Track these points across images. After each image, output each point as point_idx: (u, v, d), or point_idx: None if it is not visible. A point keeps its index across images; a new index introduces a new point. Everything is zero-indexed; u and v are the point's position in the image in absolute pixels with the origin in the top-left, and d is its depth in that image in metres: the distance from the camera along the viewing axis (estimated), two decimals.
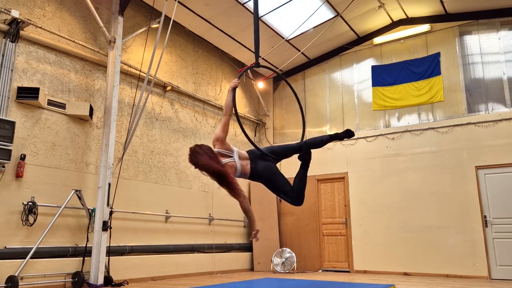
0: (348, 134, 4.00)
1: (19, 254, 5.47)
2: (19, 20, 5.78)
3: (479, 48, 8.64)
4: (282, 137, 10.93)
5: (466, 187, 8.17)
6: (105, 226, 6.26)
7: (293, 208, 10.20)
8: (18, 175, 5.68)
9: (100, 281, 6.05)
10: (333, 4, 8.63)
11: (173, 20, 7.33)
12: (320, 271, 9.48)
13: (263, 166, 3.59)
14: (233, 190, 3.48)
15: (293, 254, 9.31)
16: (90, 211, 6.36)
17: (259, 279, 7.23)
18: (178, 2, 7.42)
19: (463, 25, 8.89)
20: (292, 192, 3.65)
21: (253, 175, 3.60)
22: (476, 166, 8.16)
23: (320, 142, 3.95)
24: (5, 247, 5.44)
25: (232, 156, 3.59)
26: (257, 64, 4.17)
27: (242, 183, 10.06)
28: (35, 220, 5.70)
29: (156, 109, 8.11)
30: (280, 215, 10.35)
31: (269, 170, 3.61)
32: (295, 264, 9.20)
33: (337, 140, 3.95)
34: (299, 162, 3.78)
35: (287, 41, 9.54)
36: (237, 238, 9.73)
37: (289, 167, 5.61)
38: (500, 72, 8.33)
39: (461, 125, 8.46)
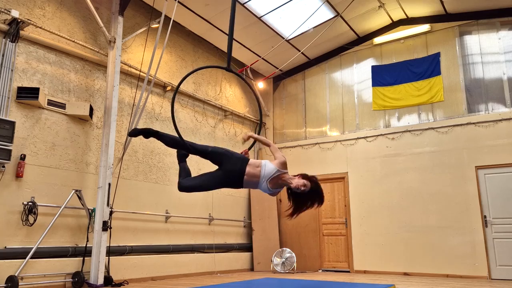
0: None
1: (19, 254, 5.47)
2: (19, 20, 5.78)
3: (479, 48, 8.64)
4: (282, 137, 10.93)
5: (466, 187, 8.17)
6: (105, 226, 6.26)
7: None
8: (18, 175, 5.68)
9: (100, 281, 6.05)
10: (333, 4, 8.63)
11: (173, 20, 7.33)
12: (320, 271, 9.48)
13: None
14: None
15: (293, 254, 9.31)
16: (90, 211, 6.36)
17: (259, 279, 7.23)
18: (178, 2, 7.41)
19: (463, 25, 8.89)
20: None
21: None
22: (476, 166, 8.16)
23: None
24: (5, 247, 5.44)
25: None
26: (227, 68, 4.24)
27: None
28: (35, 220, 5.70)
29: (156, 109, 8.11)
30: (280, 215, 10.35)
31: None
32: (295, 264, 9.20)
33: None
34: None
35: (287, 41, 9.53)
36: (237, 238, 9.73)
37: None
38: (500, 72, 8.33)
39: (461, 125, 8.46)
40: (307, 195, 3.69)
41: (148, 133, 3.81)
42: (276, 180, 3.68)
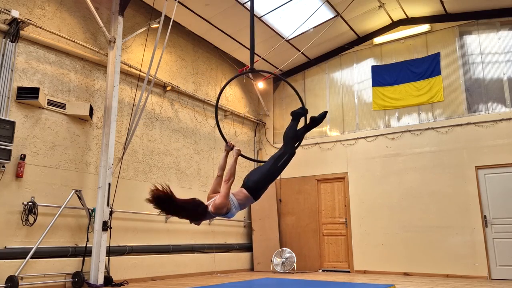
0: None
1: (19, 254, 5.48)
2: (19, 20, 5.78)
3: (479, 48, 8.64)
4: (282, 137, 10.90)
5: (466, 187, 8.16)
6: (105, 226, 6.26)
7: (293, 208, 10.21)
8: (18, 175, 5.68)
9: (100, 281, 6.05)
10: (333, 4, 8.63)
11: (173, 20, 7.33)
12: (320, 271, 9.48)
13: (250, 179, 3.79)
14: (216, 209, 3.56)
15: (293, 254, 9.31)
16: (90, 211, 6.36)
17: (259, 279, 7.24)
18: (178, 2, 7.41)
19: (463, 25, 8.89)
20: (285, 148, 4.20)
21: (252, 190, 3.73)
22: (476, 166, 8.15)
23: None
24: (5, 247, 5.44)
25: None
26: (252, 69, 4.45)
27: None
28: (35, 220, 5.70)
29: (156, 109, 8.11)
30: (280, 215, 10.35)
31: (254, 173, 3.83)
32: (295, 264, 9.20)
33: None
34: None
35: (287, 41, 9.53)
36: (237, 238, 9.73)
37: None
38: (500, 72, 8.33)
39: (461, 125, 8.46)
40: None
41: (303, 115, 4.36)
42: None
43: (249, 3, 8.15)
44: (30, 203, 5.70)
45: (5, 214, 5.51)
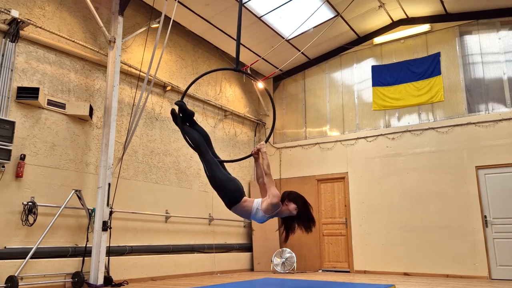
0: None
1: (19, 254, 5.47)
2: (19, 20, 5.78)
3: (479, 48, 8.64)
4: (282, 137, 10.93)
5: (466, 187, 8.16)
6: (105, 226, 6.25)
7: None
8: (18, 175, 5.68)
9: (100, 281, 6.05)
10: (333, 4, 8.63)
11: (173, 20, 7.32)
12: (320, 271, 9.47)
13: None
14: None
15: (293, 254, 9.31)
16: (90, 211, 6.36)
17: (259, 279, 7.24)
18: (178, 2, 7.41)
19: (463, 25, 8.89)
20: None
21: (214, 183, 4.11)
22: (476, 166, 8.15)
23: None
24: (5, 247, 5.44)
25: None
26: (236, 69, 4.42)
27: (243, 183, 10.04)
28: (35, 220, 5.70)
29: (156, 109, 8.11)
30: None
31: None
32: (295, 264, 9.20)
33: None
34: None
35: (287, 41, 9.53)
36: (237, 238, 9.73)
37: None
38: (500, 72, 8.33)
39: (461, 125, 8.46)
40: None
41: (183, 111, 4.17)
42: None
43: (249, 2, 8.19)
44: (30, 203, 5.70)
45: (5, 214, 5.51)
